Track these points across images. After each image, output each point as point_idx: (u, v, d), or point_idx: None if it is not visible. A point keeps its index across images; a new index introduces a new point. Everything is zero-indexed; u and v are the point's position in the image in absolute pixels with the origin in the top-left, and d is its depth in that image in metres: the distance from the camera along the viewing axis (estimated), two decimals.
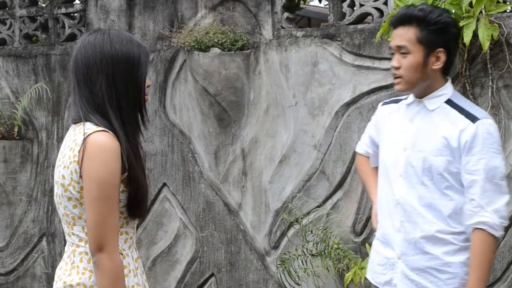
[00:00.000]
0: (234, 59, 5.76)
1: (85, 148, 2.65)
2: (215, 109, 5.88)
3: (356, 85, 5.38)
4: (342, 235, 5.42)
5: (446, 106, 3.34)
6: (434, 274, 3.33)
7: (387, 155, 3.50)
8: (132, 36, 2.86)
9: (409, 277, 3.38)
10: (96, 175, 2.63)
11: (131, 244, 2.89)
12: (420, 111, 3.41)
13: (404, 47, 3.32)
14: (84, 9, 6.75)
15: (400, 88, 3.39)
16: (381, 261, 3.52)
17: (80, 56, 2.77)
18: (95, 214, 2.65)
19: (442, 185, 3.29)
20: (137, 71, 2.78)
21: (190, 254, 6.20)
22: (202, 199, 6.13)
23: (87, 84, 2.75)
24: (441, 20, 3.31)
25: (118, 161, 2.66)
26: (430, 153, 3.30)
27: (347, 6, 5.52)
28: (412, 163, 3.35)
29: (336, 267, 5.29)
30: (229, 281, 6.03)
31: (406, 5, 4.15)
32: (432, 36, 3.29)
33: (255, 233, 5.90)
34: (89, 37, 2.80)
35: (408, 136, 3.40)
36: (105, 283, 2.67)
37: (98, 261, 2.67)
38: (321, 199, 5.56)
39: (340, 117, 5.45)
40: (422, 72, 3.32)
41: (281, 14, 5.79)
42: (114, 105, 2.75)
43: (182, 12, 6.20)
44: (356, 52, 5.38)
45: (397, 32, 3.38)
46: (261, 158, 5.85)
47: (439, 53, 3.32)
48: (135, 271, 2.88)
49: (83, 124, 2.72)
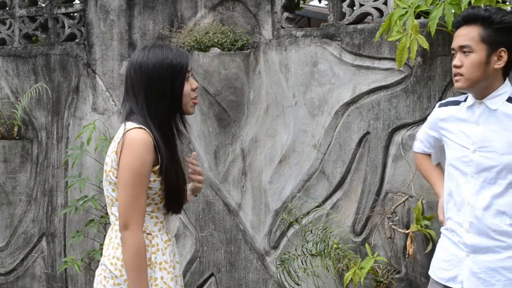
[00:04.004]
0: (234, 59, 5.76)
1: (123, 141, 3.11)
2: (215, 109, 5.88)
3: (356, 85, 5.37)
4: (342, 235, 5.42)
5: (509, 104, 3.38)
6: (502, 273, 3.37)
7: (456, 159, 3.52)
8: (172, 46, 3.28)
9: (477, 275, 3.41)
10: (127, 164, 3.08)
11: (161, 228, 3.28)
12: (483, 112, 3.43)
13: (467, 46, 3.36)
14: (84, 9, 6.74)
15: (460, 86, 3.42)
16: (447, 257, 3.55)
17: (127, 72, 3.27)
18: (123, 197, 3.10)
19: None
20: (171, 75, 3.19)
21: (190, 254, 6.19)
22: (202, 199, 6.13)
23: (132, 94, 3.23)
24: (505, 20, 3.35)
25: (149, 154, 3.10)
26: (502, 152, 3.34)
27: (347, 6, 5.52)
28: (483, 164, 3.38)
29: (336, 267, 5.28)
30: (229, 281, 6.03)
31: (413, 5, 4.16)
32: (495, 35, 3.34)
33: (254, 233, 5.90)
34: (134, 54, 3.28)
35: (476, 138, 3.42)
36: (127, 257, 3.08)
37: (123, 238, 3.10)
38: (320, 199, 5.56)
39: (339, 117, 5.45)
40: (483, 71, 3.36)
41: (280, 14, 5.79)
42: (151, 108, 3.19)
43: (182, 12, 6.20)
44: (355, 52, 5.38)
45: (460, 32, 3.43)
46: (260, 158, 5.85)
47: (502, 52, 3.36)
48: (163, 251, 3.26)
49: (125, 122, 3.18)
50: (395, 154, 5.23)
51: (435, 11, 4.58)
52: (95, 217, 6.40)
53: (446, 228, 3.60)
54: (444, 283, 3.53)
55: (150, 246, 3.22)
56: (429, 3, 4.68)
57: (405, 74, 5.15)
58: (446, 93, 4.93)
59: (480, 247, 3.39)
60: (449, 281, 3.50)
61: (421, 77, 5.07)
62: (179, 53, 3.24)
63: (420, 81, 5.06)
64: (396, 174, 5.23)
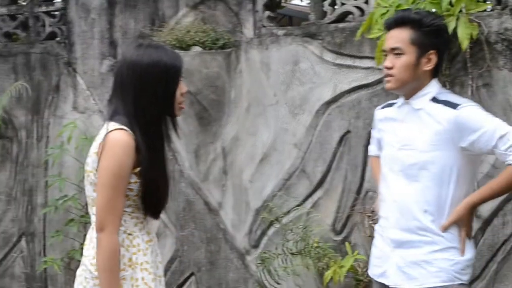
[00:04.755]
0: (215, 58, 5.76)
1: (105, 142, 3.06)
2: (196, 108, 5.87)
3: (337, 84, 5.39)
4: (322, 233, 5.42)
5: (432, 104, 3.46)
6: (424, 267, 3.44)
7: (385, 156, 3.65)
8: (167, 48, 3.26)
9: (402, 269, 3.49)
10: (106, 165, 3.04)
11: (142, 228, 3.23)
12: (409, 111, 3.53)
13: (398, 48, 3.45)
14: (65, 8, 6.71)
15: (390, 86, 3.52)
16: (377, 254, 3.66)
17: (118, 70, 3.22)
18: (101, 198, 3.06)
19: (436, 180, 3.41)
20: (165, 79, 3.14)
21: (170, 253, 6.17)
22: (183, 198, 6.11)
23: (119, 92, 3.17)
24: (435, 23, 3.48)
25: (129, 156, 3.06)
26: (422, 149, 3.42)
27: (328, 5, 5.53)
28: (406, 161, 3.48)
29: (316, 266, 5.30)
30: (209, 280, 6.02)
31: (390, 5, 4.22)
32: (425, 37, 3.44)
33: (235, 232, 5.89)
34: (128, 52, 3.28)
35: (401, 136, 3.53)
36: (101, 259, 3.05)
37: (98, 239, 3.06)
38: (301, 198, 5.57)
39: (320, 116, 5.46)
40: (413, 72, 3.45)
41: (262, 12, 5.79)
42: (138, 110, 3.12)
43: (163, 10, 6.19)
44: (337, 51, 5.39)
45: (391, 34, 3.52)
46: (241, 157, 5.85)
47: (431, 55, 3.46)
48: (144, 251, 3.22)
49: (109, 122, 3.13)
50: None
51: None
52: (75, 216, 6.36)
53: (378, 225, 3.71)
54: (377, 279, 3.64)
55: (131, 246, 3.18)
56: (410, 2, 4.68)
57: None
58: None
59: (404, 241, 3.48)
60: (380, 277, 3.61)
61: None
62: (174, 56, 3.19)
63: None
64: None
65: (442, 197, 3.42)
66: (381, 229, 3.65)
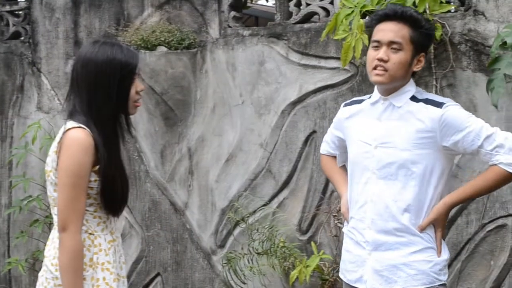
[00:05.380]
0: (181, 58, 5.75)
1: (63, 141, 3.06)
2: (162, 108, 5.86)
3: (302, 84, 5.40)
4: (288, 233, 5.43)
5: (411, 102, 3.40)
6: (403, 270, 3.38)
7: (357, 155, 3.53)
8: (123, 45, 3.22)
9: (379, 272, 3.42)
10: (65, 165, 3.03)
11: (104, 228, 3.23)
12: (386, 109, 3.46)
13: (398, 43, 3.37)
14: (29, 7, 6.67)
15: (381, 80, 3.40)
16: (352, 259, 3.55)
17: (74, 66, 3.20)
18: (62, 198, 3.05)
19: (417, 180, 3.36)
20: (119, 77, 3.13)
21: (136, 253, 6.16)
22: (148, 198, 6.10)
23: (76, 90, 3.16)
24: (431, 27, 3.49)
25: (88, 155, 3.04)
26: (402, 148, 3.36)
27: (294, 5, 5.54)
28: (384, 160, 3.40)
29: (282, 266, 5.30)
30: (175, 280, 6.01)
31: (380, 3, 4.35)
32: (421, 39, 3.42)
33: (201, 232, 5.89)
34: (83, 49, 3.25)
35: (378, 134, 3.44)
36: (63, 259, 3.04)
37: (61, 239, 3.05)
38: (267, 198, 5.58)
39: (286, 116, 5.47)
40: (406, 71, 3.40)
41: (227, 13, 5.79)
42: (93, 107, 3.12)
43: (128, 10, 6.17)
44: (302, 51, 5.40)
45: (389, 27, 3.42)
46: (207, 157, 5.84)
47: (421, 57, 3.45)
48: (106, 251, 3.21)
49: (67, 121, 3.13)
50: None
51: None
52: (39, 217, 6.33)
53: (348, 229, 3.61)
54: (353, 284, 3.54)
55: (93, 246, 3.17)
56: (374, 3, 4.71)
57: (351, 73, 5.20)
58: None
59: (381, 243, 3.41)
60: (357, 282, 3.51)
61: (367, 76, 5.07)
62: (129, 54, 3.18)
63: (366, 80, 5.10)
64: None
65: (422, 196, 3.36)
66: (352, 232, 3.55)
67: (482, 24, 4.70)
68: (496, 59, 4.17)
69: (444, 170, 3.41)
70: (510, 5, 4.61)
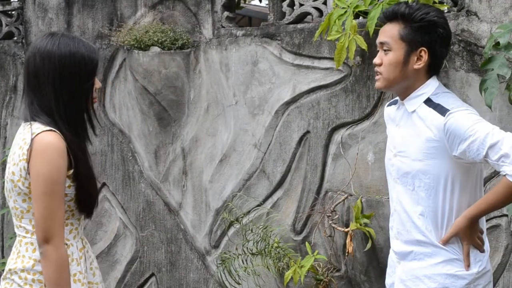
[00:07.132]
0: (174, 58, 5.74)
1: (33, 147, 2.85)
2: (155, 108, 5.85)
3: (296, 84, 5.40)
4: (282, 233, 5.43)
5: (424, 107, 3.22)
6: (424, 282, 3.26)
7: (386, 161, 3.45)
8: (83, 40, 3.03)
9: (404, 282, 3.33)
10: (42, 172, 2.83)
11: (76, 235, 3.07)
12: (403, 115, 3.32)
13: (386, 44, 3.24)
14: (22, 7, 6.65)
15: (378, 85, 3.31)
16: (390, 263, 3.50)
17: (30, 59, 2.97)
18: (42, 208, 2.85)
19: (430, 190, 3.21)
20: (83, 74, 2.97)
21: (130, 254, 6.16)
22: (142, 198, 6.10)
23: (36, 86, 2.94)
24: (425, 18, 3.20)
25: (63, 159, 2.87)
26: (414, 158, 3.23)
27: (287, 6, 5.53)
28: (402, 169, 3.28)
29: (276, 266, 5.31)
30: (170, 281, 6.01)
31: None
32: (415, 33, 3.20)
33: (195, 232, 5.89)
34: (40, 40, 2.99)
35: (396, 142, 3.33)
36: (51, 272, 2.87)
37: (45, 252, 2.87)
38: (261, 198, 5.58)
39: (280, 116, 5.47)
40: (402, 71, 3.23)
41: (221, 13, 5.79)
42: (60, 106, 2.93)
43: (122, 10, 6.15)
44: (295, 52, 5.40)
45: (383, 29, 3.30)
46: (201, 158, 5.84)
47: (422, 52, 3.22)
48: (78, 260, 3.05)
49: (31, 123, 2.92)
50: (334, 153, 5.27)
51: (374, 11, 4.61)
52: None
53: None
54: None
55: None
56: (367, 3, 4.72)
57: (345, 74, 5.19)
58: (384, 93, 4.97)
59: (406, 254, 3.32)
60: (391, 287, 3.47)
61: (360, 76, 5.11)
62: (91, 49, 3.00)
63: (359, 80, 5.10)
64: (335, 173, 5.26)
65: (438, 208, 3.21)
66: (391, 237, 3.47)
67: (475, 25, 4.70)
68: (489, 60, 4.17)
69: (463, 180, 3.22)
70: (503, 5, 4.61)
